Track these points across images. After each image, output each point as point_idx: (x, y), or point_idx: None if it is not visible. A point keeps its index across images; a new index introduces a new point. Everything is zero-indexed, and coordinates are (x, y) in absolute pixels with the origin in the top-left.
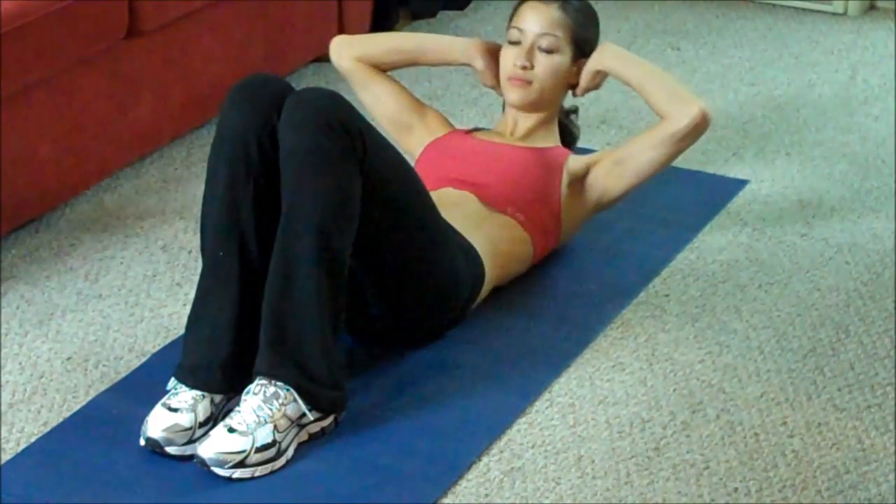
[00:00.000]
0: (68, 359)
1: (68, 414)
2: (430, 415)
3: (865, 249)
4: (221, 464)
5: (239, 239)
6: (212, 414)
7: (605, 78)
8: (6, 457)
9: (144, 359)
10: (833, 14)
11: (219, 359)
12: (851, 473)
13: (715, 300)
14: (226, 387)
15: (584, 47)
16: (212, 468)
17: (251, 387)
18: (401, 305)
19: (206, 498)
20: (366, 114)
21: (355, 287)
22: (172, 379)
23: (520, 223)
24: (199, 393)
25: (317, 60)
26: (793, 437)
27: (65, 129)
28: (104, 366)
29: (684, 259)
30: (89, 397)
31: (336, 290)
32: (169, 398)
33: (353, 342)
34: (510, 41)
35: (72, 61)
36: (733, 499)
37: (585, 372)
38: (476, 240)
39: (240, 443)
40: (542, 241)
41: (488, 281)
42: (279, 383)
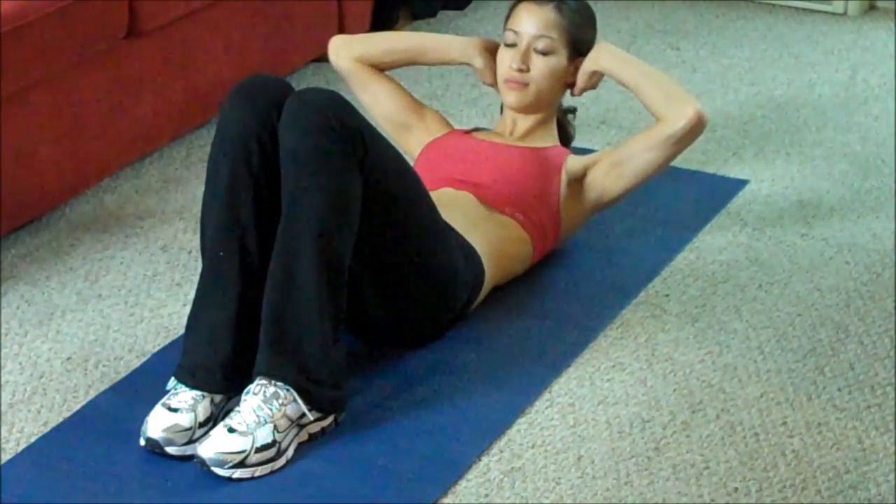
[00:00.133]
0: (68, 359)
1: (68, 414)
2: (430, 415)
3: (865, 249)
4: (221, 464)
5: (239, 239)
6: (212, 414)
7: (601, 78)
8: (6, 457)
9: (144, 359)
10: (833, 14)
11: (219, 359)
12: (851, 473)
13: (715, 300)
14: (226, 387)
15: (580, 47)
16: (212, 468)
17: (251, 387)
18: (401, 306)
19: (206, 498)
20: (366, 114)
21: (355, 287)
22: (172, 379)
23: (519, 223)
24: (199, 393)
25: (317, 60)
26: (793, 437)
27: (65, 129)
28: (104, 366)
29: (684, 259)
30: (89, 397)
31: (336, 290)
32: (169, 398)
33: (353, 342)
34: (506, 43)
35: (72, 61)
36: (733, 499)
37: (585, 372)
38: (476, 240)
39: (240, 443)
40: (541, 241)
41: (488, 281)
42: (279, 383)
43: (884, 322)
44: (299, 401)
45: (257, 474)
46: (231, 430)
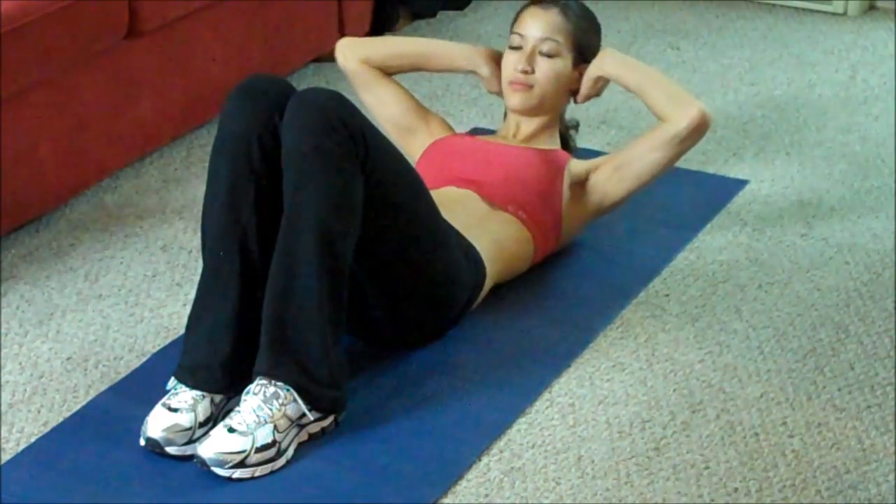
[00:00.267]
0: (68, 359)
1: (68, 414)
2: (430, 415)
3: (865, 249)
4: (221, 464)
5: (240, 239)
6: (212, 414)
7: (606, 84)
8: (6, 457)
9: (144, 359)
10: (833, 14)
11: (219, 359)
12: (851, 473)
13: (715, 300)
14: (226, 387)
15: (585, 53)
16: (212, 468)
17: (251, 387)
18: (401, 306)
19: (206, 498)
20: (368, 115)
21: (356, 287)
22: (172, 379)
23: (521, 221)
24: (199, 393)
25: (317, 60)
26: (793, 437)
27: (65, 129)
28: (104, 366)
29: (684, 259)
30: (89, 397)
31: (337, 291)
32: (169, 398)
33: (353, 342)
34: (511, 46)
35: (72, 61)
36: (733, 499)
37: (585, 372)
38: (478, 238)
39: (240, 443)
40: (542, 240)
41: (489, 279)
42: (279, 383)
43: (884, 322)
44: (299, 401)
45: (257, 474)
46: (231, 430)
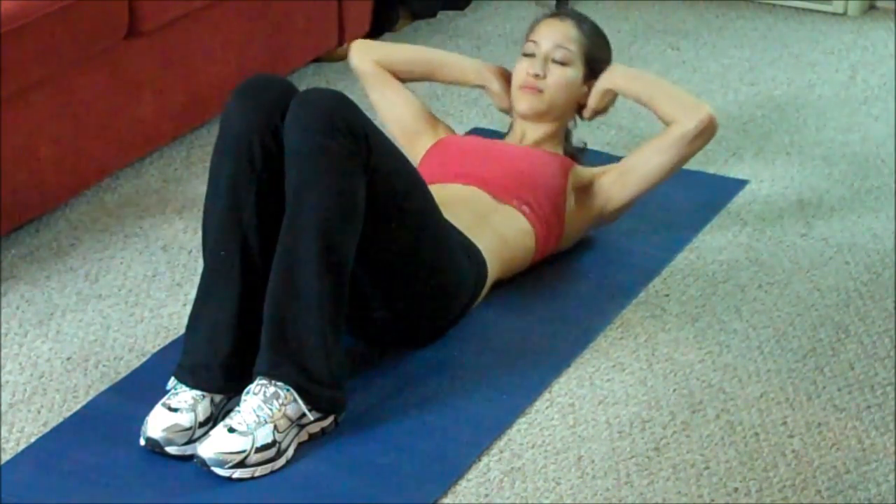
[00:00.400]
0: (68, 359)
1: (68, 414)
2: (430, 415)
3: (865, 249)
4: (221, 464)
5: (241, 239)
6: (212, 414)
7: (614, 99)
8: (6, 457)
9: (144, 359)
10: (833, 14)
11: (219, 358)
12: (851, 473)
13: (715, 300)
14: (226, 387)
15: (595, 68)
16: (212, 468)
17: (251, 387)
18: (403, 307)
19: (206, 498)
20: (370, 115)
21: (356, 288)
22: (172, 379)
23: (524, 215)
24: (199, 393)
25: (317, 60)
26: (793, 437)
27: (65, 129)
28: (104, 366)
29: (684, 259)
30: (89, 397)
31: (338, 291)
32: (169, 398)
33: (353, 342)
34: (525, 54)
35: (72, 61)
36: (733, 499)
37: (585, 372)
38: (481, 233)
39: (240, 443)
40: (544, 236)
41: (491, 276)
42: (279, 383)
43: (884, 322)
44: (299, 401)
45: (257, 474)
46: (231, 430)
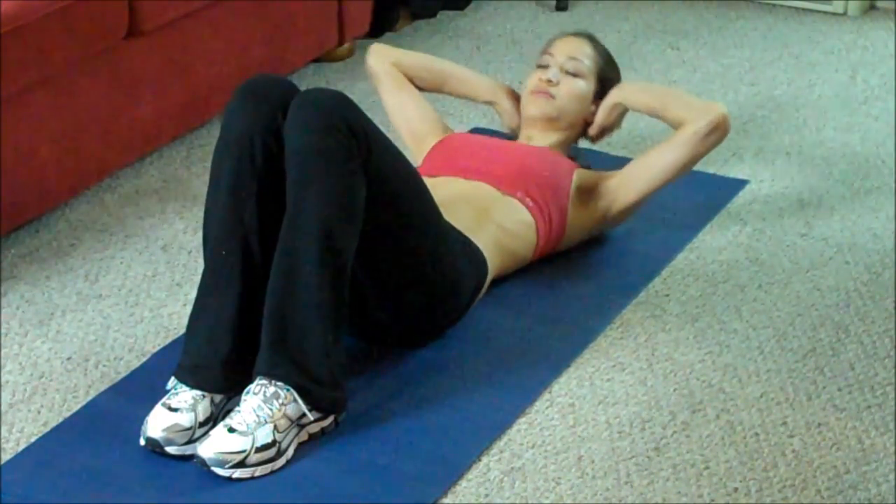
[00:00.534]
0: (68, 359)
1: (68, 414)
2: (430, 415)
3: (865, 249)
4: (221, 464)
5: (242, 239)
6: (212, 414)
7: (621, 117)
8: (6, 457)
9: (144, 359)
10: (833, 14)
11: (219, 358)
12: (851, 473)
13: (715, 300)
14: (226, 386)
15: (606, 87)
16: (212, 468)
17: (251, 387)
18: (403, 307)
19: (206, 498)
20: (369, 115)
21: (356, 288)
22: (172, 378)
23: (527, 207)
24: (199, 393)
25: (317, 60)
26: (793, 437)
27: (65, 129)
28: (104, 366)
29: (684, 259)
30: (89, 397)
31: (338, 291)
32: (169, 398)
33: (354, 342)
34: (539, 66)
35: (72, 61)
36: (733, 499)
37: (585, 372)
38: (482, 229)
39: (240, 443)
40: (545, 231)
41: (491, 270)
42: (279, 383)
43: (884, 322)
44: (299, 401)
45: (257, 474)
46: (231, 430)
